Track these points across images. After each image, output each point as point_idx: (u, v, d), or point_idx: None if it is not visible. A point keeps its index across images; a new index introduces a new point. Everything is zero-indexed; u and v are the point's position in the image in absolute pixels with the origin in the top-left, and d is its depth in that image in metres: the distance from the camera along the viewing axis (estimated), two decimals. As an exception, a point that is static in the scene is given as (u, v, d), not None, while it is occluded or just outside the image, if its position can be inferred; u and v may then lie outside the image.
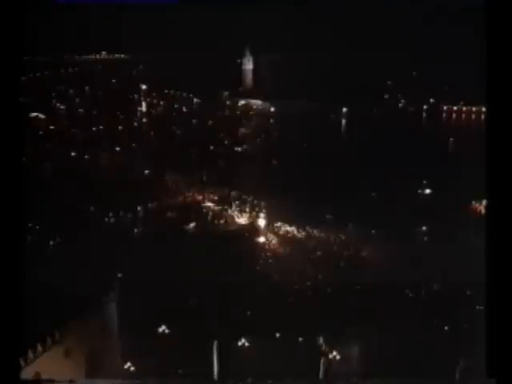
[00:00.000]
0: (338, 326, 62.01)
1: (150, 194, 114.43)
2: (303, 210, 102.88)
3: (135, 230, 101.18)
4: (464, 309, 64.92)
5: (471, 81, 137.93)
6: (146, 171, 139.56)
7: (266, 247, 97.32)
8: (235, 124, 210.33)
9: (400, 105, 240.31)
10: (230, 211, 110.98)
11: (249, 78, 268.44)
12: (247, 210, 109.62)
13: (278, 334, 63.18)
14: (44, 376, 43.06)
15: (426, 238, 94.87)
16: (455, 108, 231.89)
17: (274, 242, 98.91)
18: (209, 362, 56.97)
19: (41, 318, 44.95)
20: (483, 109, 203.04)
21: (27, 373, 41.82)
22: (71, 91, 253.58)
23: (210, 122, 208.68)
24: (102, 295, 57.01)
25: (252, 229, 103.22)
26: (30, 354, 44.70)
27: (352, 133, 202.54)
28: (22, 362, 41.14)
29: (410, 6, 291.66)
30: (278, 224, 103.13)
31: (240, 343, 61.21)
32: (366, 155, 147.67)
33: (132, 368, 56.56)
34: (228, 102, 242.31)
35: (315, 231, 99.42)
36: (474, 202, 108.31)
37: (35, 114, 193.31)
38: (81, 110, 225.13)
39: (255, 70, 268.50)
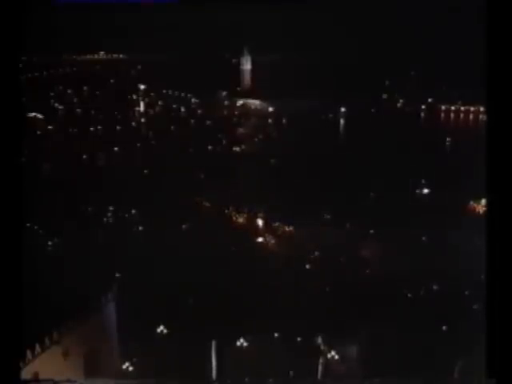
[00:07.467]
0: (336, 325, 61.99)
1: (148, 193, 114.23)
2: (301, 209, 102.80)
3: (133, 230, 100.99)
4: (463, 309, 64.98)
5: (469, 80, 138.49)
6: (145, 171, 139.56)
7: (265, 247, 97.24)
8: (233, 124, 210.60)
9: (398, 104, 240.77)
10: (228, 211, 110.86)
11: (247, 78, 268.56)
12: (245, 209, 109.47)
13: (276, 334, 63.15)
14: (43, 376, 43.08)
15: (424, 238, 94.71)
16: (453, 108, 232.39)
17: (272, 241, 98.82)
18: (207, 362, 57.01)
19: (40, 318, 44.93)
20: (481, 108, 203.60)
21: (26, 373, 41.81)
22: (69, 91, 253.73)
23: (209, 122, 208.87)
24: (100, 295, 56.96)
25: (250, 229, 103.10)
26: (29, 354, 44.66)
27: (350, 132, 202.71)
28: (20, 363, 41.07)
29: (409, 6, 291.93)
30: (277, 224, 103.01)
31: (238, 343, 61.21)
32: (365, 155, 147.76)
33: (130, 368, 56.56)
34: (226, 102, 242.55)
35: (313, 231, 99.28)
36: (472, 202, 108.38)
37: (34, 114, 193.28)
38: (79, 110, 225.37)
39: (254, 70, 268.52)
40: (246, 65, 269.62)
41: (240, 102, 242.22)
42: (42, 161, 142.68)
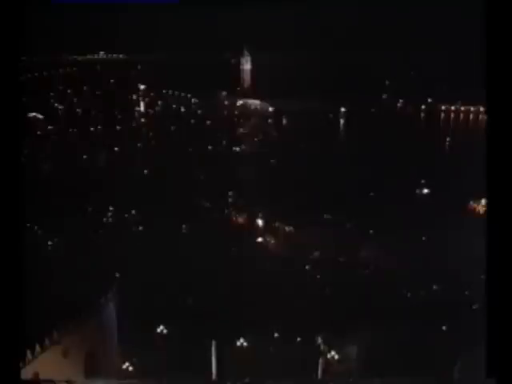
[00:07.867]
0: (336, 325, 61.94)
1: (148, 193, 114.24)
2: (301, 209, 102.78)
3: (133, 230, 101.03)
4: (463, 309, 64.95)
5: (469, 80, 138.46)
6: (145, 171, 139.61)
7: (265, 247, 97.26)
8: (233, 124, 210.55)
9: (398, 105, 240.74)
10: (228, 211, 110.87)
11: (247, 78, 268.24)
12: (245, 209, 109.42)
13: (276, 334, 63.12)
14: (43, 376, 43.09)
15: (424, 238, 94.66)
16: (453, 108, 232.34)
17: (272, 241, 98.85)
18: (207, 362, 56.94)
19: (40, 318, 44.90)
20: (481, 108, 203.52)
21: (26, 373, 41.80)
22: (69, 91, 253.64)
23: (208, 122, 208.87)
24: (100, 296, 56.95)
25: (250, 229, 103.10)
26: (29, 354, 44.64)
27: (350, 132, 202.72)
28: (20, 363, 41.05)
29: (408, 7, 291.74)
30: (277, 224, 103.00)
31: (238, 343, 61.14)
32: (365, 155, 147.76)
33: (130, 368, 56.52)
34: (226, 102, 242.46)
35: (313, 231, 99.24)
36: (471, 202, 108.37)
37: (33, 114, 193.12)
38: (79, 110, 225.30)
39: (254, 70, 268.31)
40: (246, 65, 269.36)
41: (240, 102, 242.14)
42: (42, 161, 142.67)
